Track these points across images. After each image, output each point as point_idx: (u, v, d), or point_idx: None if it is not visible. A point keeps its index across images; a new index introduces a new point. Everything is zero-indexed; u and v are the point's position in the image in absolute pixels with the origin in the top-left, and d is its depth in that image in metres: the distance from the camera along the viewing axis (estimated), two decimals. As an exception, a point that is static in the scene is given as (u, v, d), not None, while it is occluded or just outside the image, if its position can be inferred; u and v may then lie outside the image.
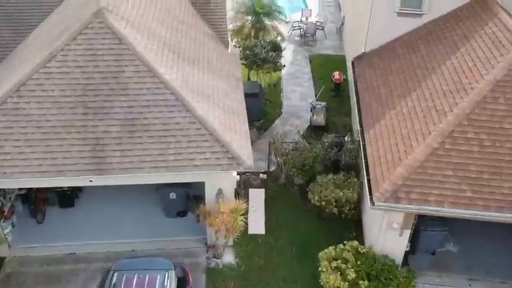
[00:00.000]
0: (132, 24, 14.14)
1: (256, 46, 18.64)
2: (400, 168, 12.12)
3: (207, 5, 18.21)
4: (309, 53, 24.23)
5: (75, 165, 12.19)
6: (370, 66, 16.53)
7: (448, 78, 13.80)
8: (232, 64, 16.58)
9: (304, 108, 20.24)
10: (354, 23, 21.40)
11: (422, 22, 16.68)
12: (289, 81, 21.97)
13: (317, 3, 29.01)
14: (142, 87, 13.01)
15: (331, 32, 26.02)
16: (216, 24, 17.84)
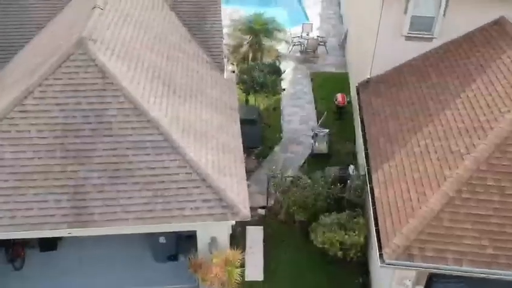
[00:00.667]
0: (119, 54, 12.80)
1: (254, 69, 17.30)
2: (412, 220, 10.79)
3: (202, 27, 16.88)
4: (310, 71, 22.86)
5: (52, 216, 10.85)
6: (377, 95, 15.18)
7: (463, 114, 12.46)
8: (227, 92, 15.23)
9: (305, 132, 18.89)
10: (358, 43, 20.03)
11: (432, 46, 15.33)
12: (289, 103, 20.61)
13: (318, 16, 27.67)
14: (128, 126, 11.68)
15: (333, 47, 24.65)
16: (211, 48, 16.48)
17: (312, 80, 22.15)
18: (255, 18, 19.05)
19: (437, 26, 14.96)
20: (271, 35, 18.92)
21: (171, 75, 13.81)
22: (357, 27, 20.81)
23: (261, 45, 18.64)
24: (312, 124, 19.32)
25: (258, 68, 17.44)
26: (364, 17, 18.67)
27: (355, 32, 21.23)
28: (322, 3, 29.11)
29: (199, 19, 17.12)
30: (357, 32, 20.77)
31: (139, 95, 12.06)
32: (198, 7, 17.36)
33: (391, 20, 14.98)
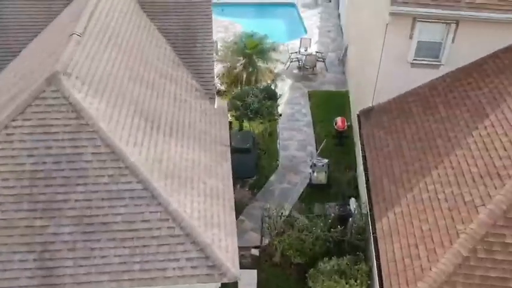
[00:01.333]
0: (97, 89, 11.47)
1: (248, 95, 15.98)
2: (422, 284, 9.49)
3: (192, 50, 15.58)
4: (309, 89, 21.54)
5: (17, 279, 9.58)
6: (380, 126, 13.88)
7: (476, 156, 11.15)
8: (218, 124, 13.93)
9: (303, 159, 17.60)
10: (358, 63, 18.73)
11: (440, 74, 14.02)
12: (286, 125, 19.30)
13: (316, 28, 26.33)
14: (104, 174, 10.36)
15: (333, 63, 23.32)
16: (201, 73, 15.18)
17: (311, 100, 20.83)
18: (247, 40, 17.64)
19: (445, 52, 13.64)
20: (265, 56, 17.55)
21: (155, 108, 12.51)
22: (357, 45, 19.48)
23: (255, 67, 17.28)
24: (311, 149, 18.05)
25: (252, 93, 16.10)
26: (365, 37, 17.36)
27: (356, 50, 19.91)
28: (321, 14, 27.79)
29: (189, 41, 15.83)
30: (357, 50, 19.46)
31: (117, 136, 10.75)
32: (188, 28, 16.04)
33: (395, 45, 13.67)
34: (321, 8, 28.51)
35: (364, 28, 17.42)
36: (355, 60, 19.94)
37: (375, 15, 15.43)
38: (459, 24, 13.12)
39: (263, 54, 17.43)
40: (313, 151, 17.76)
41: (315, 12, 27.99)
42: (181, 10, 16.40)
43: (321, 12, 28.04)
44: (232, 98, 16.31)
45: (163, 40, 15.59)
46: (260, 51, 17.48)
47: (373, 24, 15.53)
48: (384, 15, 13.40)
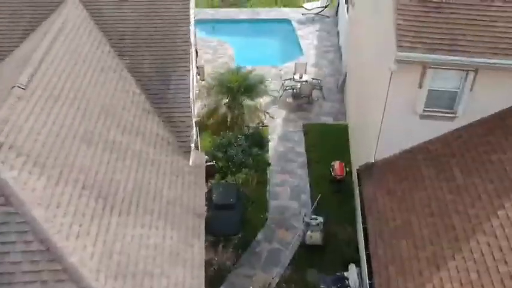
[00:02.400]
0: (36, 160, 9.19)
1: (231, 145, 13.67)
2: None
3: (166, 93, 13.34)
4: (304, 121, 19.23)
5: None
6: (384, 189, 11.61)
7: (504, 248, 8.84)
8: (192, 187, 11.67)
9: (296, 211, 15.32)
10: (360, 100, 16.39)
11: (454, 127, 11.74)
12: (277, 167, 16.99)
13: (314, 49, 23.98)
14: (35, 279, 8.14)
15: (331, 90, 20.97)
16: (176, 121, 12.96)
17: (306, 135, 18.52)
18: (231, 75, 15.28)
19: (462, 102, 11.34)
20: (252, 92, 15.20)
21: (112, 178, 10.23)
22: (357, 79, 17.13)
23: (241, 108, 14.95)
24: (304, 199, 15.79)
25: (236, 142, 13.77)
26: (366, 73, 15.02)
27: (356, 83, 17.57)
28: (319, 32, 25.41)
29: (163, 83, 13.59)
30: (357, 84, 17.11)
31: (56, 227, 8.50)
32: (163, 67, 13.82)
33: (401, 95, 11.38)
34: (319, 24, 26.13)
35: (365, 63, 15.10)
36: (355, 94, 17.61)
37: (377, 54, 13.14)
38: (478, 71, 10.82)
39: (249, 90, 15.07)
40: (307, 200, 15.52)
41: (311, 29, 25.61)
42: (155, 45, 14.16)
43: (319, 29, 25.65)
44: (213, 149, 14.00)
45: (133, 82, 13.34)
46: (246, 87, 15.12)
47: (375, 63, 13.24)
48: (388, 59, 11.11)
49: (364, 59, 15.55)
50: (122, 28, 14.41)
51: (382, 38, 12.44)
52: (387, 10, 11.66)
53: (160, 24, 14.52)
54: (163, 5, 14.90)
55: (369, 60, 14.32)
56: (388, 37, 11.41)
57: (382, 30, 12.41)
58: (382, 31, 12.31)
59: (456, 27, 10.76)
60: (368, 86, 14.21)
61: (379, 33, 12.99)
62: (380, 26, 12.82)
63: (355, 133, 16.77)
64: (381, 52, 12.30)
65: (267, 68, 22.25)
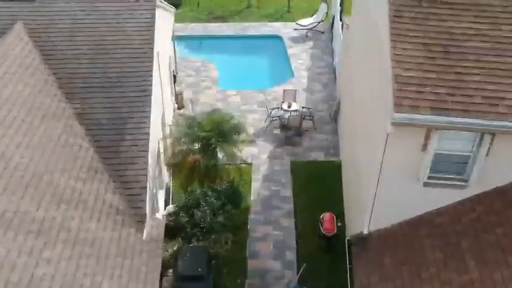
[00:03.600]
0: None
1: (199, 205, 11.42)
2: None
3: (120, 144, 11.11)
4: (292, 158, 16.93)
5: None
6: (380, 275, 9.32)
7: None
8: (143, 270, 9.44)
9: (279, 274, 13.07)
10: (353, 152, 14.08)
11: (465, 195, 9.46)
12: (260, 217, 14.66)
13: (305, 70, 21.67)
14: None
15: (324, 118, 18.67)
16: (129, 181, 10.71)
17: (294, 175, 16.23)
18: (203, 120, 12.91)
19: (476, 169, 9.05)
20: (228, 139, 12.85)
21: (33, 274, 8.00)
22: (352, 112, 14.84)
23: (214, 158, 12.62)
24: (290, 258, 13.54)
25: (204, 202, 11.52)
26: (360, 113, 12.76)
27: (350, 116, 15.26)
28: (312, 50, 23.07)
29: (118, 132, 11.36)
30: (352, 118, 14.82)
31: None
32: (118, 112, 11.59)
33: (401, 158, 9.12)
34: (312, 41, 23.78)
35: (359, 102, 12.82)
36: (348, 129, 15.33)
37: (371, 99, 10.88)
38: (496, 134, 8.55)
39: (225, 138, 12.73)
40: (292, 259, 13.27)
41: (304, 47, 23.29)
42: (111, 85, 11.97)
43: (312, 47, 23.33)
44: (176, 214, 11.76)
45: (81, 132, 11.14)
46: (220, 133, 12.78)
47: (369, 110, 10.98)
48: (383, 115, 8.85)
49: (357, 96, 13.29)
50: (74, 65, 12.23)
51: (376, 83, 10.19)
52: (382, 52, 9.41)
53: (119, 59, 12.35)
54: (124, 36, 12.72)
55: (362, 101, 12.06)
56: (383, 86, 9.17)
57: (376, 73, 10.16)
58: (377, 74, 10.06)
59: (469, 78, 8.50)
60: (361, 133, 11.95)
61: (374, 75, 10.73)
62: (374, 66, 10.56)
63: (349, 176, 14.51)
64: (375, 99, 10.06)
65: (253, 93, 20.04)
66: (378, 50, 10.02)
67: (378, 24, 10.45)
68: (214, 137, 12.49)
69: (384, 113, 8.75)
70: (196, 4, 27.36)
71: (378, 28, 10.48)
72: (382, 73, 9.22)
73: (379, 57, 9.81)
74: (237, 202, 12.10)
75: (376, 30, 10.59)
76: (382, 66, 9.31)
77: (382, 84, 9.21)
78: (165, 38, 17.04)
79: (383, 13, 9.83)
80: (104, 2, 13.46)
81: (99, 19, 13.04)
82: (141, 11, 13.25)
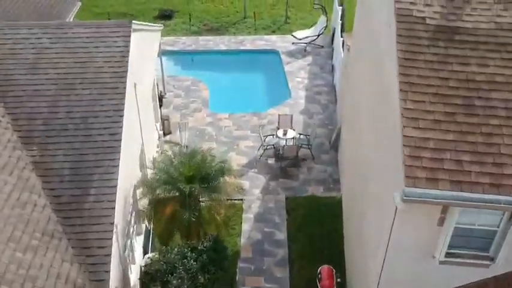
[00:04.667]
0: None
1: (176, 269, 9.72)
2: None
3: (82, 200, 9.43)
4: (287, 193, 15.22)
5: None
6: None
7: None
8: None
9: None
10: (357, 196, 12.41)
11: (489, 275, 7.77)
12: (250, 265, 12.94)
13: (303, 89, 19.98)
14: None
15: (322, 145, 16.97)
16: (91, 247, 9.02)
17: (289, 214, 14.55)
18: (182, 167, 11.12)
19: (504, 246, 7.37)
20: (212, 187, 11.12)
21: None
22: (355, 148, 13.15)
23: (196, 207, 10.90)
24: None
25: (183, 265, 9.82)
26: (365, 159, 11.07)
27: (353, 151, 13.58)
28: (311, 67, 21.38)
29: (79, 185, 9.67)
30: (355, 155, 13.14)
31: None
32: (82, 160, 9.89)
33: (412, 233, 7.44)
34: (311, 56, 22.08)
35: (363, 144, 11.12)
36: (351, 164, 13.64)
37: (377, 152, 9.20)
38: (532, 208, 6.87)
39: (209, 185, 11.00)
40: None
41: (303, 63, 21.59)
42: (75, 127, 10.31)
43: (311, 63, 21.63)
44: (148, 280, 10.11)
45: (39, 186, 9.49)
46: (204, 179, 11.04)
47: (375, 160, 9.30)
48: (391, 180, 7.18)
49: (360, 131, 11.61)
50: (34, 103, 10.57)
51: (382, 134, 8.51)
52: (389, 102, 7.73)
53: (86, 96, 10.68)
54: (93, 69, 11.04)
55: (367, 140, 10.38)
56: (390, 143, 7.49)
57: (382, 123, 8.49)
58: (383, 126, 8.39)
59: (499, 141, 6.82)
60: (365, 178, 10.24)
61: (380, 124, 9.06)
62: (380, 114, 8.89)
63: (350, 224, 12.83)
64: (382, 152, 8.39)
65: (246, 117, 18.38)
66: (383, 97, 8.35)
67: (384, 63, 8.78)
68: (195, 184, 10.78)
69: (393, 180, 7.09)
70: (190, 14, 25.70)
71: (383, 68, 8.81)
72: (389, 128, 7.56)
73: (385, 106, 8.14)
74: (221, 264, 10.42)
75: (382, 69, 8.93)
76: (389, 119, 7.65)
77: (390, 140, 7.55)
78: (147, 61, 15.38)
79: (389, 52, 8.16)
80: (73, 27, 11.86)
81: (66, 48, 11.39)
82: (114, 38, 11.59)
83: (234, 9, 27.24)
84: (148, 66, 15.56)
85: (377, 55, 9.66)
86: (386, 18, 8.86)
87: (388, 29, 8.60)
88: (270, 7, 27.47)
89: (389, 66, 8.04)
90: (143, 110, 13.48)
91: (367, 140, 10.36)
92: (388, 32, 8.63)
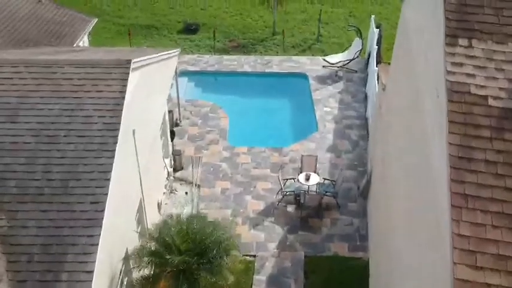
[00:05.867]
0: None
1: None
2: None
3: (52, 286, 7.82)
4: (307, 250, 13.21)
5: None
6: None
7: None
8: None
9: None
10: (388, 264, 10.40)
11: None
12: None
13: (331, 121, 17.94)
14: None
15: (350, 191, 14.88)
16: None
17: (308, 278, 12.57)
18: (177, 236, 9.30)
19: None
20: (213, 264, 9.30)
21: None
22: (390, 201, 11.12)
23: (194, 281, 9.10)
24: None
25: None
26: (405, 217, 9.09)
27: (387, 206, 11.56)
28: (342, 95, 19.32)
29: (51, 267, 8.03)
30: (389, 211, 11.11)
31: None
32: (56, 235, 8.25)
33: None
34: (342, 82, 20.02)
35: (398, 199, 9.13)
36: (382, 224, 11.62)
37: (416, 227, 7.22)
38: None
39: (209, 262, 9.14)
40: None
41: (333, 90, 19.54)
42: (53, 193, 8.64)
43: (342, 91, 19.55)
44: None
45: (3, 267, 7.90)
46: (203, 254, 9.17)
47: (413, 236, 7.33)
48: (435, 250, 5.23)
49: (395, 185, 9.62)
50: (9, 159, 8.99)
51: (422, 236, 6.54)
52: (435, 202, 5.76)
53: (69, 152, 9.04)
54: (81, 118, 9.40)
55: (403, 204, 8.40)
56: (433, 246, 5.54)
57: (422, 206, 6.53)
58: (422, 209, 6.43)
59: None
60: (398, 258, 8.26)
61: (420, 202, 7.10)
62: (421, 201, 6.92)
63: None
64: (423, 235, 6.43)
65: (266, 152, 16.48)
66: (424, 185, 6.39)
67: (428, 140, 6.80)
68: (192, 261, 9.00)
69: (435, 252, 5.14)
70: (216, 30, 23.99)
71: (426, 145, 6.83)
72: (432, 227, 5.61)
73: (426, 198, 6.18)
74: None
75: (424, 146, 6.95)
76: (430, 217, 5.69)
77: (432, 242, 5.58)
78: (157, 96, 13.72)
79: (437, 135, 6.20)
80: (64, 66, 10.23)
81: (53, 91, 9.76)
82: (109, 82, 9.90)
83: (263, 24, 25.44)
84: (158, 101, 13.89)
85: (419, 123, 7.67)
86: (433, 82, 6.88)
87: (436, 99, 6.63)
88: (301, 23, 25.55)
89: (436, 153, 6.08)
90: (146, 155, 11.80)
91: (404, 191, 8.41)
92: (435, 104, 6.65)
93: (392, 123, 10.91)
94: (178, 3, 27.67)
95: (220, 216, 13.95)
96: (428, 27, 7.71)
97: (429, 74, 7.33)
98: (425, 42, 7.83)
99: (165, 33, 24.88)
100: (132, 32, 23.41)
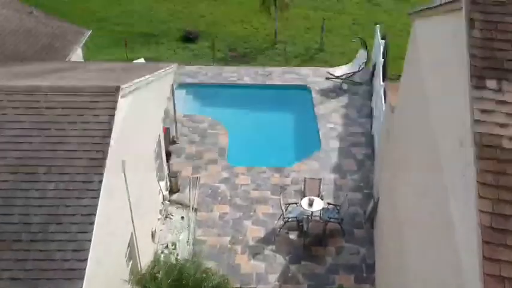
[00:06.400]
0: None
1: None
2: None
3: None
4: (310, 283, 12.29)
5: None
6: None
7: None
8: None
9: None
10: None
11: None
12: None
13: (335, 138, 17.07)
14: None
15: (356, 216, 14.03)
16: None
17: (310, 314, 11.84)
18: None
19: None
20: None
21: None
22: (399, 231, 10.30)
23: None
24: None
25: None
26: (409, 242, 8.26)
27: (393, 232, 10.74)
28: (346, 109, 18.46)
29: None
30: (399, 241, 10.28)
31: None
32: None
33: None
34: (347, 97, 19.18)
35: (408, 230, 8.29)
36: (390, 257, 10.78)
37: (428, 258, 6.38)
38: None
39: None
40: None
41: (337, 105, 18.68)
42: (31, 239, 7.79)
43: (346, 105, 18.69)
44: None
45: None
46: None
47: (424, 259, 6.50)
48: None
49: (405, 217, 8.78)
50: (-14, 199, 8.20)
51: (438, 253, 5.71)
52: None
53: (49, 192, 8.19)
54: (63, 153, 8.53)
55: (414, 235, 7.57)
56: None
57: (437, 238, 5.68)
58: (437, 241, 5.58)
59: None
60: None
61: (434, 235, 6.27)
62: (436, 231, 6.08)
63: None
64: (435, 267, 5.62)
65: (267, 172, 15.60)
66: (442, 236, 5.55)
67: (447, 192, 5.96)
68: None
69: None
70: (216, 38, 23.15)
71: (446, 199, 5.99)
72: None
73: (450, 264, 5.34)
74: None
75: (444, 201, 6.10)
76: None
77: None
78: (151, 119, 12.88)
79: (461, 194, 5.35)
80: (48, 93, 9.37)
81: (35, 122, 8.91)
82: (96, 111, 9.02)
83: (264, 32, 24.59)
84: (152, 124, 13.05)
85: (435, 171, 6.82)
86: (455, 130, 6.03)
87: (459, 148, 5.78)
88: (304, 31, 24.71)
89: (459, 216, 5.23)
90: (138, 185, 10.97)
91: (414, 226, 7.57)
92: (457, 154, 5.80)
93: (402, 157, 10.04)
94: (178, 10, 26.91)
95: (218, 244, 13.30)
96: (447, 61, 6.85)
97: (449, 118, 6.47)
98: (443, 80, 6.96)
99: (164, 41, 24.04)
100: (129, 40, 22.54)
